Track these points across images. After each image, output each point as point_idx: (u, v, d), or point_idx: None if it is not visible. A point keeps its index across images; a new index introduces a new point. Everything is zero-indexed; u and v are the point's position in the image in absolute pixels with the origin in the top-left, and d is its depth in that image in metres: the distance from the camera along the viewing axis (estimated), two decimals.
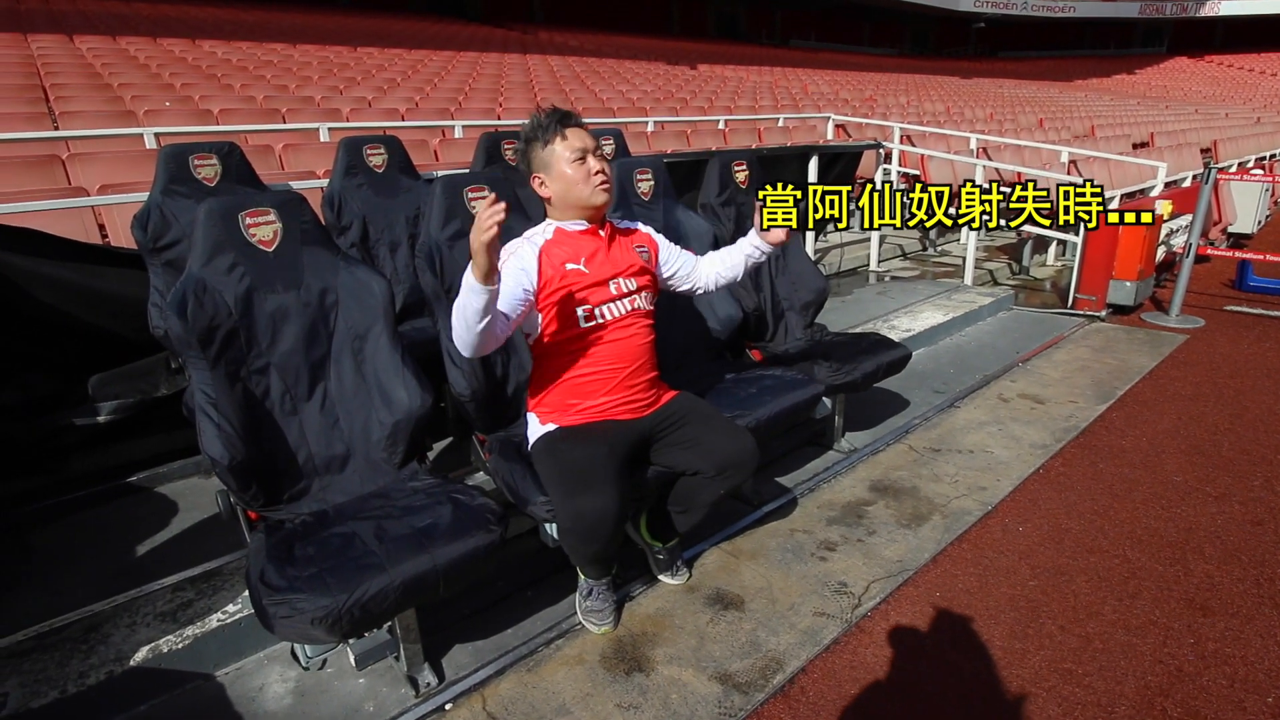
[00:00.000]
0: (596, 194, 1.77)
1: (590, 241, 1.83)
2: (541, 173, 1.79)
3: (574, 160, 1.75)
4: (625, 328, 1.84)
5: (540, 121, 1.77)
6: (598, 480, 1.66)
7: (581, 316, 1.79)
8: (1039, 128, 12.13)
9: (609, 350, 1.82)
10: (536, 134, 1.77)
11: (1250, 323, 4.64)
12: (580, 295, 1.78)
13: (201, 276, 1.72)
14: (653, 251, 1.98)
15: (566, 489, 1.69)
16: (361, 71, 9.65)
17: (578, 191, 1.76)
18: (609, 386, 1.84)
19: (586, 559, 1.84)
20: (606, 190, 1.78)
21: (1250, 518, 2.41)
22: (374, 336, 1.92)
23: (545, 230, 1.83)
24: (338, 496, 1.79)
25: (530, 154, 1.80)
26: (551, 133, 1.75)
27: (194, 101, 6.45)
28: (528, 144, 1.79)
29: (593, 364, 1.82)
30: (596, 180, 1.76)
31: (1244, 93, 28.43)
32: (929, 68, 26.97)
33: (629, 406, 1.86)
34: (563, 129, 1.75)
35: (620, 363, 1.84)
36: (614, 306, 1.83)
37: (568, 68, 13.16)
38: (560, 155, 1.75)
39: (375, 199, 2.98)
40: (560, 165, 1.76)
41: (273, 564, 1.45)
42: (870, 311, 4.54)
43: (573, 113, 1.79)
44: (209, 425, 1.62)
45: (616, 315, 1.83)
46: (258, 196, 1.88)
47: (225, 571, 1.96)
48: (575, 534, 1.71)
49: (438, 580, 1.48)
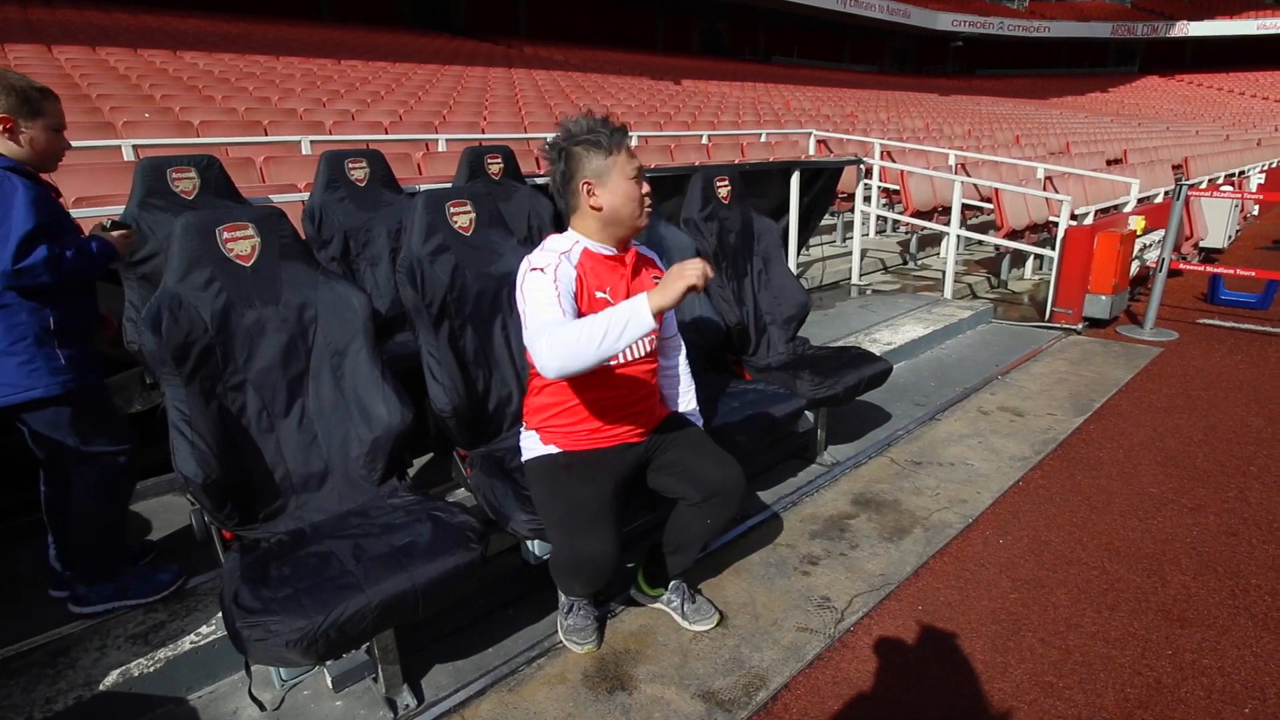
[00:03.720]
0: (643, 217, 1.73)
1: (617, 270, 1.77)
2: (595, 180, 1.67)
3: (633, 177, 1.68)
4: (638, 362, 1.82)
5: (600, 127, 1.67)
6: (600, 524, 1.66)
7: None
8: (1015, 144, 12.35)
9: (620, 380, 1.80)
10: (597, 139, 1.66)
11: (1222, 335, 4.74)
12: None
13: (177, 292, 1.70)
14: None
15: (567, 528, 1.67)
16: (345, 84, 9.64)
17: (630, 210, 1.69)
18: (616, 415, 1.81)
19: (575, 593, 1.83)
20: (650, 215, 1.76)
21: (1225, 529, 2.45)
22: (353, 352, 1.90)
23: (574, 249, 1.72)
24: (315, 515, 1.76)
25: (585, 158, 1.66)
26: (616, 143, 1.67)
27: (174, 113, 6.40)
28: (582, 146, 1.66)
29: (602, 392, 1.78)
30: (646, 204, 1.73)
31: (1213, 111, 29.18)
32: (909, 85, 27.44)
33: (633, 431, 1.85)
34: (625, 142, 1.69)
35: (629, 392, 1.81)
36: (632, 348, 1.78)
37: (552, 82, 13.22)
38: (623, 169, 1.67)
39: (357, 213, 2.96)
40: (621, 179, 1.67)
41: (247, 585, 1.42)
42: (852, 325, 4.58)
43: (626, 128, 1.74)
44: (183, 443, 1.59)
45: (637, 356, 1.80)
46: (236, 211, 1.86)
47: (200, 591, 1.93)
48: (570, 575, 1.70)
49: (417, 600, 1.46)
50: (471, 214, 2.24)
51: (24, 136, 1.72)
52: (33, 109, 1.72)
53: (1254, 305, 5.33)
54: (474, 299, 2.15)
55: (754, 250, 3.10)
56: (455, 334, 2.11)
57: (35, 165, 1.74)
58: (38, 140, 1.73)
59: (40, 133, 1.73)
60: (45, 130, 1.74)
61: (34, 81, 1.76)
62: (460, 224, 2.21)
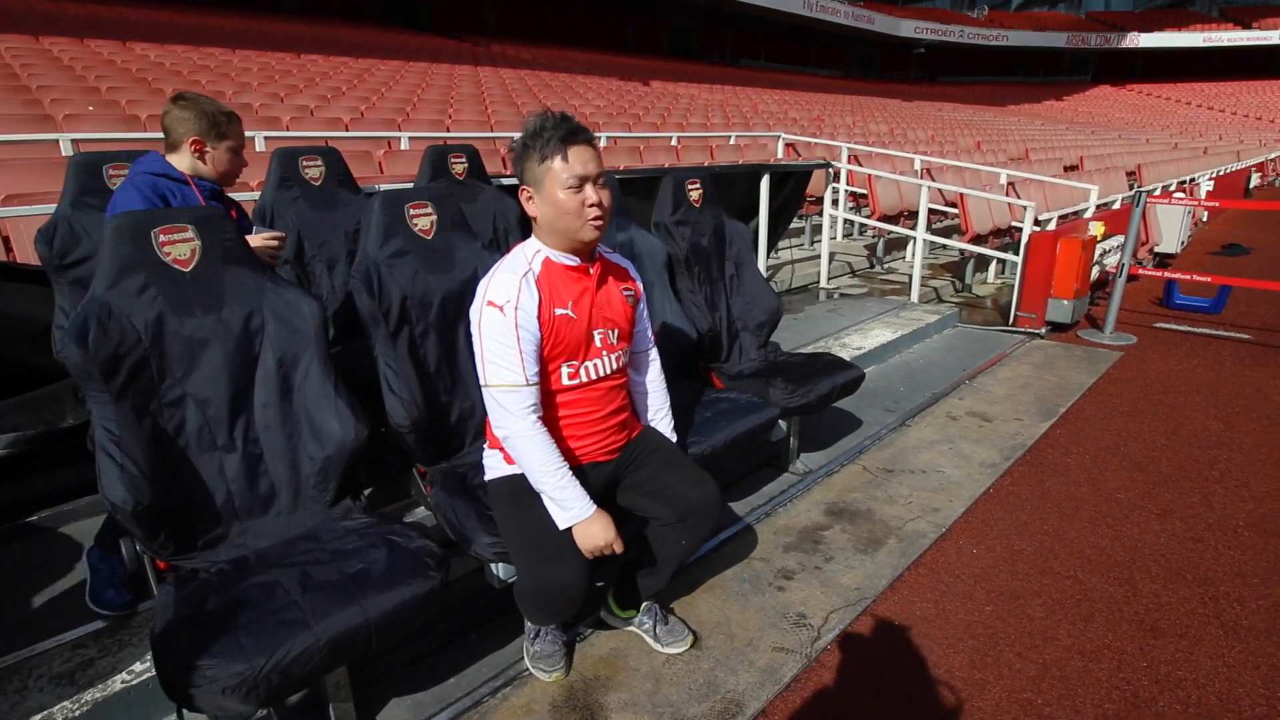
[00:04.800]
0: (586, 229, 1.56)
1: (579, 281, 1.65)
2: (531, 189, 1.58)
3: (569, 186, 1.52)
4: (606, 379, 1.72)
5: (542, 129, 1.53)
6: (569, 549, 1.56)
7: (565, 375, 1.65)
8: (977, 150, 12.58)
9: (587, 398, 1.70)
10: (534, 143, 1.53)
11: (1178, 339, 4.84)
12: (568, 350, 1.63)
13: (106, 300, 1.56)
14: (637, 297, 1.81)
15: (534, 555, 1.57)
16: (304, 79, 9.36)
17: (566, 223, 1.55)
18: (583, 434, 1.71)
19: (542, 623, 1.74)
20: (599, 227, 1.57)
21: (1191, 535, 2.46)
22: (304, 364, 1.78)
23: (534, 261, 1.61)
24: (260, 541, 1.63)
25: (524, 163, 1.56)
26: (551, 148, 1.51)
27: (120, 106, 6.12)
28: (523, 150, 1.55)
29: (568, 411, 1.69)
30: (590, 214, 1.54)
31: (1162, 120, 30.26)
32: (872, 90, 27.86)
33: (602, 450, 1.75)
34: (566, 147, 1.51)
35: (596, 409, 1.72)
36: (599, 364, 1.69)
37: (520, 81, 13.05)
38: (556, 177, 1.52)
39: (311, 213, 2.82)
40: (553, 188, 1.53)
41: (180, 623, 1.30)
42: (821, 329, 4.56)
43: (582, 127, 1.55)
44: (111, 466, 1.46)
45: (601, 374, 1.70)
46: (175, 211, 1.72)
47: (133, 625, 1.78)
48: (538, 604, 1.62)
49: (369, 635, 1.36)
50: (433, 216, 2.13)
51: (209, 156, 1.95)
52: (219, 132, 1.94)
53: (1207, 309, 5.47)
54: (437, 305, 2.04)
55: (726, 255, 3.04)
56: (415, 343, 2.00)
57: (216, 183, 1.96)
58: (220, 161, 1.95)
59: (223, 154, 1.95)
60: (227, 152, 1.96)
61: (221, 105, 1.97)
62: (421, 226, 2.10)
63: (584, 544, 1.56)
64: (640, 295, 1.83)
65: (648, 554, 1.81)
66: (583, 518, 1.57)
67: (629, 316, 1.77)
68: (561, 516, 1.58)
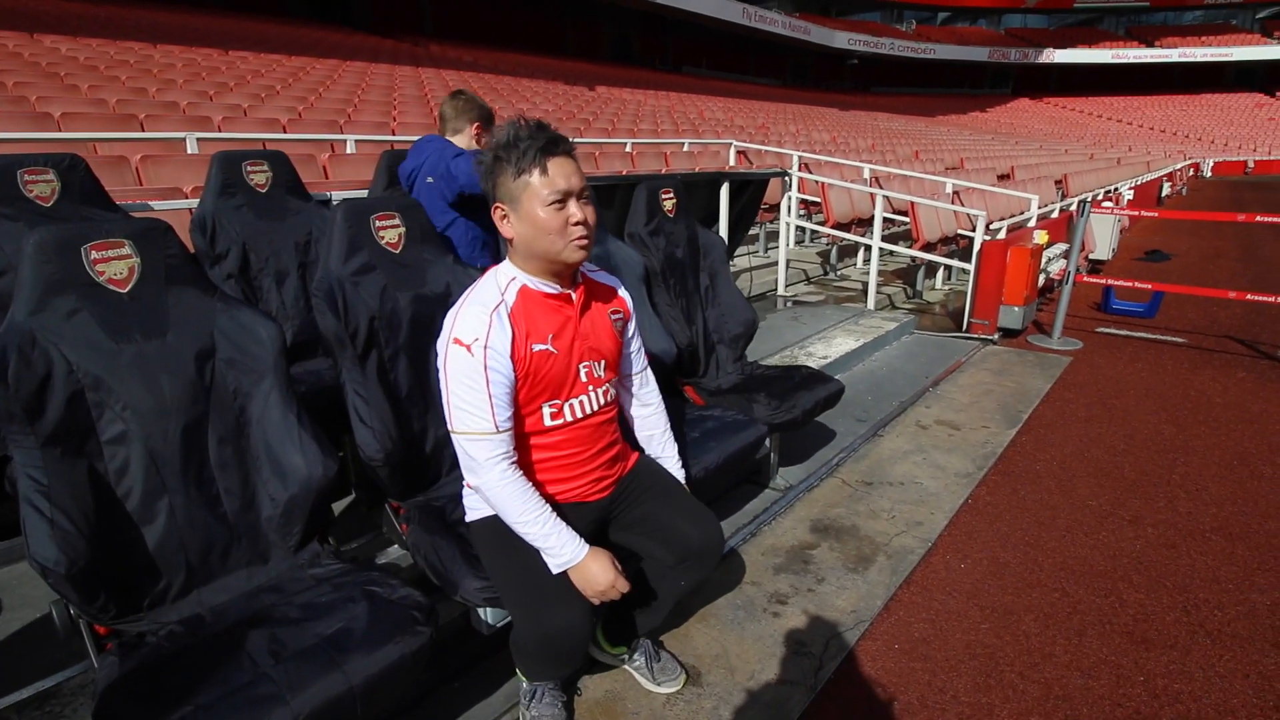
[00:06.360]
0: (570, 250, 1.39)
1: (560, 311, 1.48)
2: (506, 205, 1.41)
3: (551, 203, 1.36)
4: (596, 414, 1.56)
5: (517, 140, 1.36)
6: (566, 590, 1.42)
7: (547, 415, 1.50)
8: (916, 159, 12.98)
9: (573, 438, 1.54)
10: (509, 155, 1.37)
11: (1120, 344, 5.04)
12: (549, 389, 1.48)
13: (29, 327, 1.35)
14: (625, 318, 1.66)
15: (527, 601, 1.42)
16: (234, 76, 8.86)
17: (548, 244, 1.38)
18: (569, 475, 1.57)
19: (545, 676, 1.60)
20: (584, 247, 1.40)
21: (1164, 540, 2.51)
22: (261, 393, 1.60)
23: (507, 291, 1.44)
24: (217, 595, 1.45)
25: (496, 177, 1.39)
26: (529, 161, 1.35)
27: (29, 103, 5.62)
28: (495, 163, 1.39)
29: (551, 454, 1.54)
30: (574, 234, 1.38)
31: (1077, 132, 32.07)
32: (810, 99, 28.53)
33: (593, 488, 1.61)
34: (545, 159, 1.35)
35: (583, 449, 1.56)
36: (585, 401, 1.53)
37: (464, 83, 12.74)
38: (536, 193, 1.36)
39: (257, 222, 2.60)
40: (532, 205, 1.36)
41: (128, 707, 1.11)
42: (786, 339, 4.54)
43: (562, 137, 1.40)
44: (39, 521, 1.25)
45: (588, 412, 1.54)
46: (108, 225, 1.52)
47: (66, 691, 1.56)
48: (539, 656, 1.47)
49: (354, 705, 1.20)
50: (401, 228, 1.97)
51: (484, 140, 2.50)
52: (490, 122, 2.53)
53: (1142, 314, 5.72)
54: (407, 325, 1.88)
55: (700, 265, 2.96)
56: (385, 367, 1.84)
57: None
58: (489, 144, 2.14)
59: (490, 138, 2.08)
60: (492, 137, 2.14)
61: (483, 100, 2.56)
62: (388, 240, 1.94)
63: (585, 589, 1.43)
64: (630, 315, 1.69)
65: (642, 591, 1.69)
66: (576, 561, 1.43)
67: (616, 344, 1.61)
68: (552, 564, 1.44)
